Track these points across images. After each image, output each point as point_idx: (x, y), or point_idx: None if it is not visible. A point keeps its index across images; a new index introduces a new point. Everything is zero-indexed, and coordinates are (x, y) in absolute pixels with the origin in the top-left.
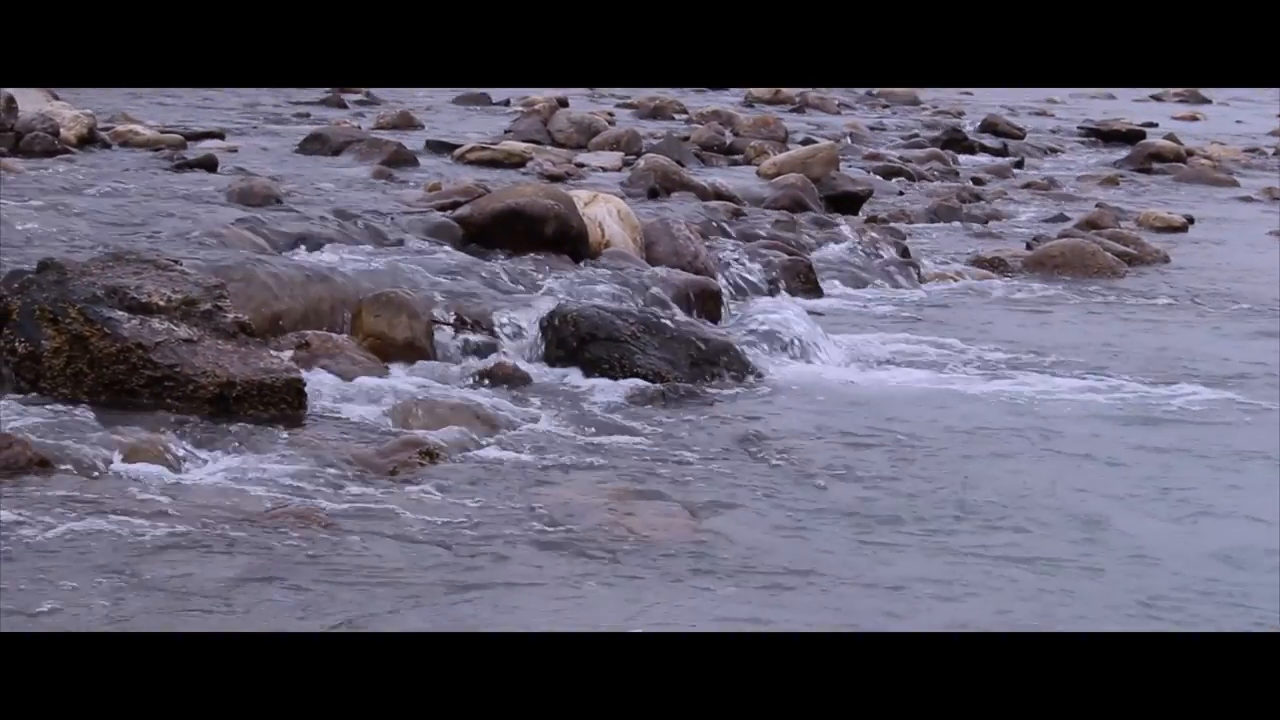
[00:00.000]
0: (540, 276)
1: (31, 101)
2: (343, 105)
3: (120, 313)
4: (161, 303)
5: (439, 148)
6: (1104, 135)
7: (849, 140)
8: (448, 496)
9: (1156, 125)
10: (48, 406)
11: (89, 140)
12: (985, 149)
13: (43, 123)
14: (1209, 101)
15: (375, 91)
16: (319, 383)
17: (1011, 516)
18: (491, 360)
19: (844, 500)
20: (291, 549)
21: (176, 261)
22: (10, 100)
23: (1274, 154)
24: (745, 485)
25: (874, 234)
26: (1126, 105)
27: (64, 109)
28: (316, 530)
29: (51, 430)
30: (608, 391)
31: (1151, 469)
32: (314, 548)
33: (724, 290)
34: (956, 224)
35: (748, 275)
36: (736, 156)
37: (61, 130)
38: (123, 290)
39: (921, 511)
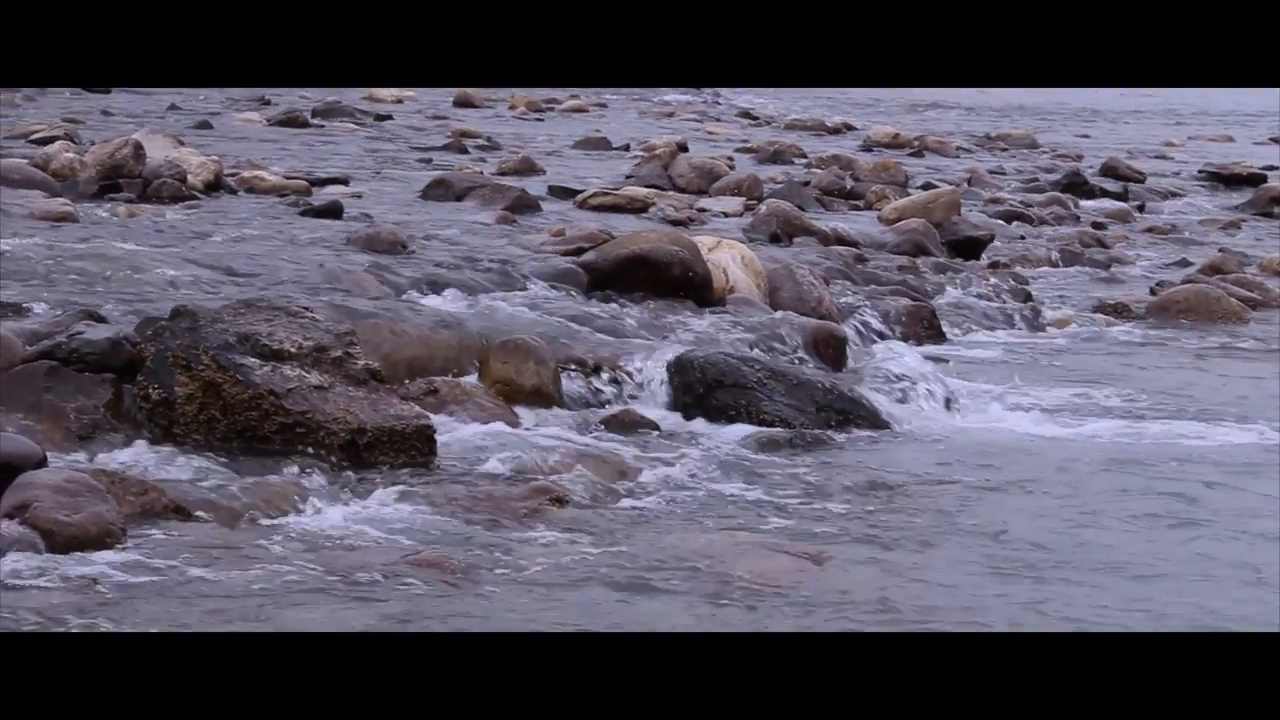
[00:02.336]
0: (666, 322)
1: (158, 147)
2: (464, 150)
3: (252, 360)
4: (293, 349)
5: (561, 193)
6: (1224, 179)
7: (968, 184)
8: (578, 543)
9: (1277, 168)
10: (181, 453)
11: (215, 186)
12: (1105, 193)
13: (170, 169)
14: None
15: (496, 137)
16: (448, 429)
17: (1142, 566)
18: (619, 406)
19: (971, 548)
20: (424, 596)
21: (307, 308)
22: (138, 147)
23: None
24: (873, 533)
25: (996, 279)
26: (1246, 148)
27: (191, 155)
28: (448, 577)
29: (185, 477)
30: (734, 438)
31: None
32: (446, 594)
33: (848, 336)
34: (1078, 269)
35: (871, 321)
36: (857, 201)
37: (188, 176)
38: (254, 337)
39: (1049, 561)
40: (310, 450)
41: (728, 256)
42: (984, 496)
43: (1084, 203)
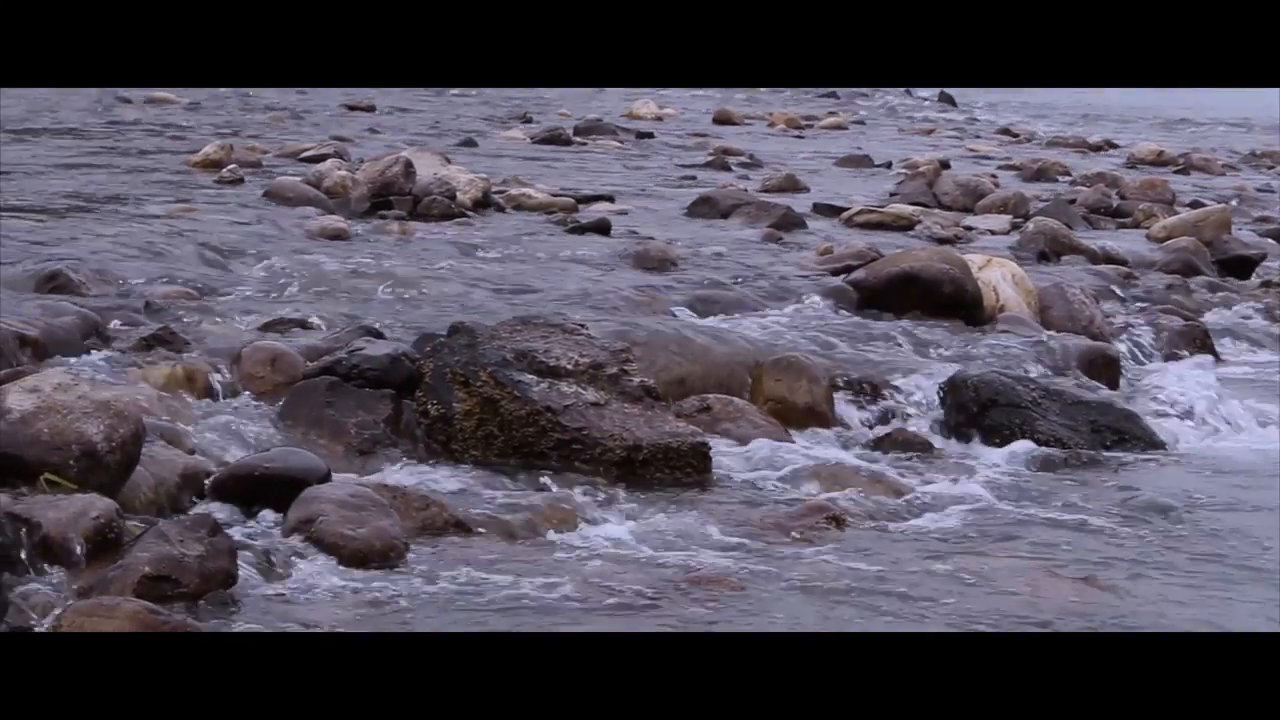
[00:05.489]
0: (937, 341)
1: (427, 165)
2: (727, 168)
3: (529, 376)
4: (569, 366)
5: (826, 210)
6: None
7: (1237, 202)
8: (856, 562)
9: None
10: (459, 468)
11: (483, 204)
12: None
13: (439, 186)
14: None
15: (757, 154)
16: (721, 447)
17: None
18: (892, 425)
19: (1250, 572)
20: (705, 613)
21: (582, 325)
22: (408, 164)
23: None
24: (1150, 555)
25: (1269, 298)
26: None
27: (459, 172)
28: (727, 594)
29: (465, 492)
30: (1009, 458)
31: None
32: (727, 612)
33: (1121, 355)
34: None
35: (1143, 340)
36: (1124, 219)
37: (457, 194)
38: (531, 354)
39: None
40: (586, 466)
41: (998, 275)
42: (1264, 520)
43: None
